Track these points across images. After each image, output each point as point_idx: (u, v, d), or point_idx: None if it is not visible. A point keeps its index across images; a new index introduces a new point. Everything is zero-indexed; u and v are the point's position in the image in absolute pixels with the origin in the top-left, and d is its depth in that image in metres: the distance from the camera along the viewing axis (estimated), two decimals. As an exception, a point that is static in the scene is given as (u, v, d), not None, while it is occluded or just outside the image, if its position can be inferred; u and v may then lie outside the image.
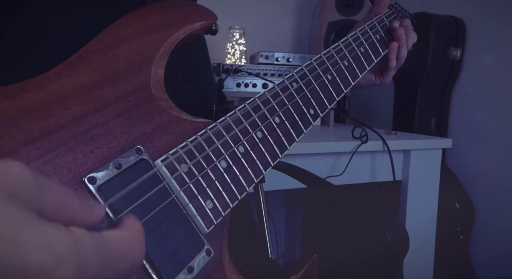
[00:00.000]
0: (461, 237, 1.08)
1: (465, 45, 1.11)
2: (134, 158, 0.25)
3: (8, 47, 0.27)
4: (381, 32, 0.49)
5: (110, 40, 0.28)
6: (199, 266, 0.26)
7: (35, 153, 0.22)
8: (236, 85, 0.93)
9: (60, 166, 0.22)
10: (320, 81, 0.38)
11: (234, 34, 1.10)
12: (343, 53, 0.42)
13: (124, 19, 0.29)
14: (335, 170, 0.86)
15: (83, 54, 0.26)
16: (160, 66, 0.29)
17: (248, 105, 0.32)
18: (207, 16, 0.34)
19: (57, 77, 0.25)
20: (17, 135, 0.21)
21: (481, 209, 1.08)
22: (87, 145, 0.24)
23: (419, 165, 0.93)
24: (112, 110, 0.26)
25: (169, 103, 0.29)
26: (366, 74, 0.49)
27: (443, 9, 1.11)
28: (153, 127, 0.27)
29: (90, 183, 0.23)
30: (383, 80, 0.53)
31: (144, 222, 0.24)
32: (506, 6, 1.02)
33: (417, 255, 0.88)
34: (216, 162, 0.29)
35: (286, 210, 1.34)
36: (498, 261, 1.03)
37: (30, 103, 0.23)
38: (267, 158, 0.32)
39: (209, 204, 0.28)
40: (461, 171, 1.11)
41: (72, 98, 0.24)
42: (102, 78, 0.26)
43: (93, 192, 0.23)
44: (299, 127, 0.36)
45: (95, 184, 0.23)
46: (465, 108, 1.13)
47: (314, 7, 1.31)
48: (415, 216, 0.93)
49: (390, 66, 0.51)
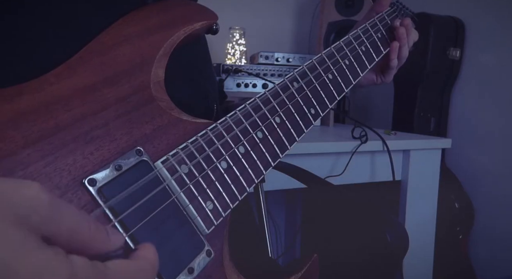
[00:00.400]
0: (460, 237, 1.08)
1: (464, 46, 1.12)
2: (134, 159, 0.25)
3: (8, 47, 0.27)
4: (382, 31, 0.49)
5: (110, 41, 0.28)
6: (200, 267, 0.26)
7: (35, 155, 0.22)
8: (236, 85, 0.93)
9: (60, 168, 0.22)
10: (321, 80, 0.38)
11: (234, 34, 1.10)
12: (344, 52, 0.42)
13: (125, 20, 0.29)
14: (335, 170, 0.86)
15: (83, 55, 0.26)
16: (160, 67, 0.29)
17: (249, 105, 0.32)
18: (207, 16, 0.34)
19: (57, 78, 0.24)
20: (17, 137, 0.21)
21: (481, 209, 1.08)
22: (87, 147, 0.24)
23: (418, 165, 0.93)
24: (112, 111, 0.25)
25: (170, 104, 0.29)
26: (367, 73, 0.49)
27: (442, 9, 1.12)
28: (153, 128, 0.27)
29: (90, 185, 0.23)
30: (384, 79, 0.53)
31: (144, 223, 0.24)
32: (505, 6, 1.02)
33: (417, 255, 0.88)
34: (216, 163, 0.29)
35: (286, 210, 1.34)
36: (498, 261, 1.04)
37: (30, 105, 0.23)
38: (268, 158, 0.32)
39: (209, 205, 0.28)
40: (460, 171, 1.11)
41: (72, 100, 0.24)
42: (102, 79, 0.26)
43: (93, 194, 0.23)
44: (300, 127, 0.36)
45: (95, 186, 0.23)
46: (465, 108, 1.13)
47: (314, 7, 1.31)
48: (414, 216, 0.93)
49: (391, 65, 0.51)
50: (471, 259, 1.10)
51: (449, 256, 1.06)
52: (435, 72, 1.10)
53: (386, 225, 0.60)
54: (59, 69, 0.25)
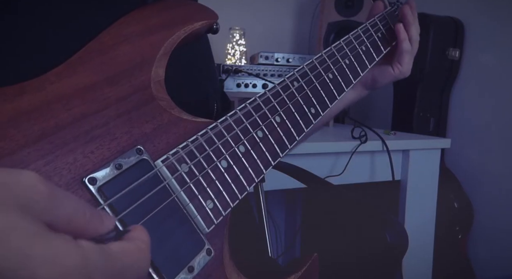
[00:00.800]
0: (459, 236, 1.09)
1: (463, 46, 1.12)
2: (134, 158, 0.25)
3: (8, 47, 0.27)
4: (382, 30, 0.49)
5: (111, 40, 0.28)
6: (200, 266, 0.26)
7: (35, 154, 0.22)
8: (236, 86, 0.93)
9: (60, 167, 0.22)
10: (321, 80, 0.38)
11: (234, 34, 1.10)
12: (344, 52, 0.42)
13: (125, 19, 0.29)
14: (335, 170, 0.86)
15: (84, 54, 0.26)
16: (160, 66, 0.29)
17: (249, 104, 0.32)
18: (207, 15, 0.34)
19: (57, 77, 0.25)
20: (17, 136, 0.21)
21: (480, 209, 1.08)
22: (88, 146, 0.24)
23: (418, 165, 0.93)
24: (112, 110, 0.26)
25: (170, 103, 0.29)
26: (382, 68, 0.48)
27: (442, 10, 1.12)
28: (153, 127, 0.27)
29: (90, 183, 0.23)
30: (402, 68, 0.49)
31: (144, 222, 0.24)
32: (504, 7, 1.03)
33: (416, 254, 0.88)
34: (216, 162, 0.29)
35: (286, 210, 1.34)
36: (497, 260, 1.04)
37: (30, 104, 0.23)
38: (268, 157, 0.32)
39: (209, 203, 0.28)
40: (460, 171, 1.12)
41: (73, 99, 0.24)
42: (102, 79, 0.26)
43: (93, 193, 0.23)
44: (300, 126, 0.36)
45: (96, 185, 0.23)
46: (464, 108, 1.14)
47: (314, 8, 1.31)
48: (414, 216, 0.93)
49: (403, 48, 0.47)
50: (470, 258, 1.10)
51: (448, 255, 1.06)
52: (435, 72, 1.10)
53: (385, 225, 0.60)
54: (60, 68, 0.25)
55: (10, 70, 0.26)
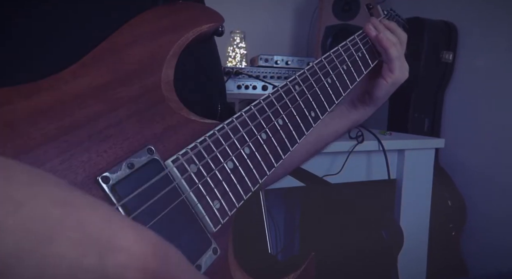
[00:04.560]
0: (453, 233, 1.11)
1: (457, 49, 1.14)
2: (145, 158, 0.25)
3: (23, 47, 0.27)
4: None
5: (123, 41, 0.28)
6: (206, 265, 0.27)
7: (52, 152, 0.22)
8: (236, 87, 0.95)
9: (75, 165, 0.22)
10: (321, 85, 0.39)
11: (235, 37, 1.12)
12: (342, 58, 0.43)
13: (136, 20, 0.29)
14: (332, 169, 0.88)
15: (97, 53, 0.26)
16: (170, 67, 0.30)
17: (254, 107, 0.33)
18: (214, 18, 0.34)
19: (72, 77, 0.25)
20: (35, 134, 0.21)
21: (473, 207, 1.11)
22: (101, 145, 0.24)
23: (413, 164, 0.95)
24: (125, 110, 0.26)
25: (179, 104, 0.29)
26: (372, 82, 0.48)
27: (435, 14, 1.14)
28: (163, 128, 0.27)
29: (103, 182, 0.23)
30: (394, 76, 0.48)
31: (155, 222, 0.24)
32: (497, 11, 1.05)
33: (411, 251, 0.90)
34: (223, 163, 0.29)
35: (285, 208, 1.36)
36: (488, 256, 1.07)
37: (47, 102, 0.23)
38: (271, 159, 0.33)
39: (216, 204, 0.28)
40: (453, 170, 1.14)
41: (87, 98, 0.24)
42: (115, 78, 0.26)
43: (106, 191, 0.23)
44: (301, 129, 0.36)
45: (109, 184, 0.23)
46: (457, 109, 1.16)
47: (312, 11, 1.33)
48: (409, 213, 0.95)
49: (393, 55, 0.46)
50: (463, 254, 1.12)
51: (442, 251, 1.08)
52: (429, 75, 1.12)
53: (382, 223, 0.61)
54: (74, 67, 0.25)
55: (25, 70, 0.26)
